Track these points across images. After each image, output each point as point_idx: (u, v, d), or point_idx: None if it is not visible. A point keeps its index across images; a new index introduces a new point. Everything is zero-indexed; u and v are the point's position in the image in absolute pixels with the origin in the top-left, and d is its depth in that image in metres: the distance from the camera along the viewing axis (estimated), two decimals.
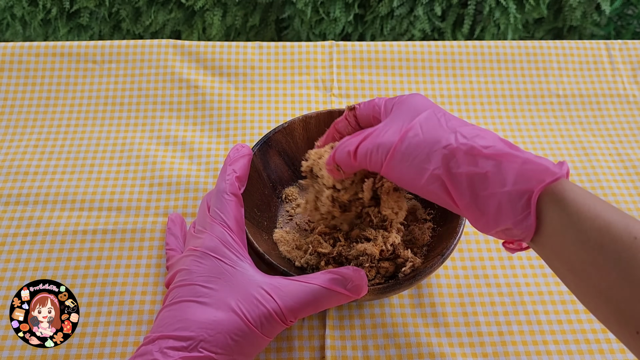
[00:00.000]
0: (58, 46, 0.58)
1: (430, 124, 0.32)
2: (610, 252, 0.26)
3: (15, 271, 0.44)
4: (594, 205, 0.27)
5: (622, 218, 0.26)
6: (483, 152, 0.29)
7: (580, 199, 0.27)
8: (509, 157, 0.29)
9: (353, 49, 0.60)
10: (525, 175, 0.28)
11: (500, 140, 0.30)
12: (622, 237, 0.25)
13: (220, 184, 0.38)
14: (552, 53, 0.61)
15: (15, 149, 0.52)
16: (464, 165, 0.29)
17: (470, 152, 0.29)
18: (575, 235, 0.27)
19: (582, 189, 0.28)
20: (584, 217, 0.26)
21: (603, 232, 0.26)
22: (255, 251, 0.38)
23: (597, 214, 0.26)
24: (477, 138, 0.30)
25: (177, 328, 0.32)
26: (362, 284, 0.34)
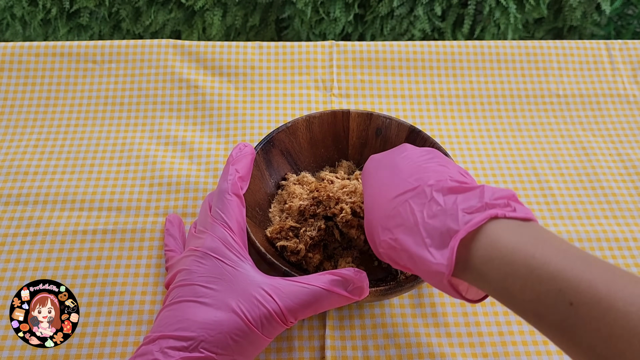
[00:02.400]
0: (58, 46, 0.58)
1: (368, 220, 0.34)
2: (550, 324, 0.24)
3: (15, 271, 0.44)
4: (517, 271, 0.25)
5: (552, 281, 0.24)
6: (396, 247, 0.30)
7: (501, 267, 0.25)
8: (411, 254, 0.29)
9: (353, 49, 0.60)
10: (427, 273, 0.28)
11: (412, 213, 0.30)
12: (556, 307, 0.23)
13: (222, 184, 0.38)
14: (552, 53, 0.61)
15: (15, 149, 0.52)
16: (396, 258, 0.31)
17: (391, 247, 0.31)
18: (513, 309, 0.26)
19: (507, 235, 0.26)
20: (512, 291, 0.25)
21: (536, 304, 0.24)
22: (256, 250, 0.38)
23: (524, 284, 0.24)
24: (394, 222, 0.31)
25: (177, 328, 0.31)
26: (363, 286, 0.34)
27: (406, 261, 0.30)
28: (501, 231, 0.26)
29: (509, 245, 0.26)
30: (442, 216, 0.28)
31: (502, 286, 0.25)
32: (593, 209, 0.50)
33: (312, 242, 0.41)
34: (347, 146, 0.48)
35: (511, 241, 0.26)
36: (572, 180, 0.52)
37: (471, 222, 0.27)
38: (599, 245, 0.47)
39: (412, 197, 0.30)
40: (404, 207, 0.30)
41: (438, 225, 0.28)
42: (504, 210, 0.27)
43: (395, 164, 0.34)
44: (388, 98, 0.57)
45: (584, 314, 0.23)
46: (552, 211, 0.50)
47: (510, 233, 0.26)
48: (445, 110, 0.57)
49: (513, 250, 0.25)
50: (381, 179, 0.34)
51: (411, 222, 0.29)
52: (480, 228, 0.27)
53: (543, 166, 0.53)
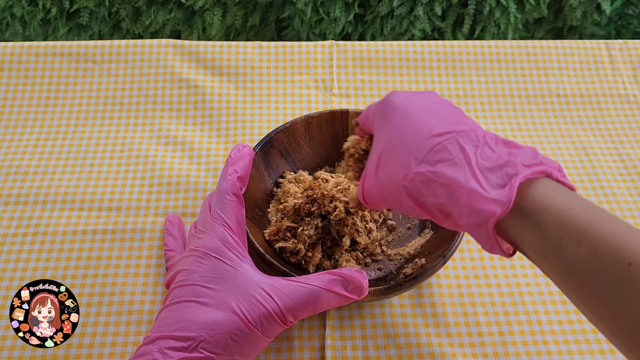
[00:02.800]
0: (58, 46, 0.58)
1: (393, 152, 0.31)
2: (602, 282, 0.23)
3: (15, 271, 0.44)
4: (575, 224, 0.24)
5: (612, 239, 0.23)
6: (436, 180, 0.28)
7: (557, 218, 0.25)
8: (457, 187, 0.27)
9: (353, 48, 0.60)
10: (473, 210, 0.27)
11: (462, 151, 0.28)
12: (613, 266, 0.23)
13: (221, 184, 0.38)
14: (553, 53, 0.61)
15: (15, 149, 0.52)
16: (426, 195, 0.29)
17: (425, 181, 0.29)
18: (561, 263, 0.25)
19: (562, 194, 0.26)
20: (566, 243, 0.24)
21: (590, 260, 0.23)
22: (256, 251, 0.38)
23: (581, 237, 0.24)
24: (438, 157, 0.29)
25: (177, 328, 0.31)
26: (362, 285, 0.34)
27: (442, 198, 0.28)
28: (556, 188, 0.26)
29: (566, 199, 0.25)
30: (498, 160, 0.27)
31: (556, 236, 0.25)
32: None
33: (311, 240, 0.41)
34: None
35: (568, 198, 0.25)
36: (572, 180, 0.52)
37: (531, 170, 0.26)
38: None
39: (461, 137, 0.28)
40: (452, 144, 0.28)
41: (494, 167, 0.27)
42: (557, 173, 0.27)
43: (432, 103, 0.32)
44: None
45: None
46: None
47: (566, 192, 0.26)
48: None
49: (572, 205, 0.25)
50: (415, 113, 0.32)
51: (461, 159, 0.28)
52: (536, 180, 0.26)
53: None
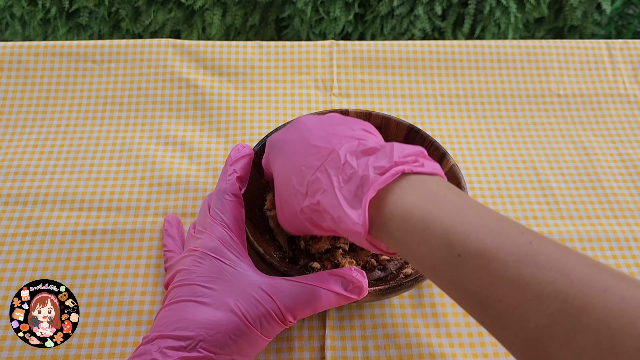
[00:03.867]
0: (57, 46, 0.58)
1: (284, 191, 0.35)
2: (443, 275, 0.26)
3: (15, 271, 0.44)
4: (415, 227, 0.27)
5: (444, 235, 0.25)
6: (318, 209, 0.31)
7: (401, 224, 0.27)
8: (332, 213, 0.30)
9: (353, 48, 0.60)
10: (347, 231, 0.29)
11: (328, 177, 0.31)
12: (447, 259, 0.25)
13: (220, 184, 0.38)
14: (553, 53, 0.61)
15: (15, 149, 0.52)
16: (319, 221, 0.32)
17: (313, 211, 0.32)
18: (415, 263, 0.28)
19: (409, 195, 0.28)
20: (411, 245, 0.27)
21: (430, 256, 0.26)
22: (255, 251, 0.38)
23: (420, 238, 0.26)
24: (315, 188, 0.31)
25: (176, 328, 0.31)
26: (362, 285, 0.34)
27: (330, 222, 0.31)
28: (405, 189, 0.28)
29: (410, 202, 0.27)
30: (356, 178, 0.29)
31: (403, 241, 0.27)
32: (593, 209, 0.50)
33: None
34: None
35: (412, 198, 0.27)
36: (572, 180, 0.52)
37: (379, 181, 0.28)
38: (599, 245, 0.47)
39: (328, 162, 0.31)
40: (322, 173, 0.31)
41: (352, 187, 0.29)
42: (411, 166, 0.29)
43: (301, 133, 0.35)
44: (388, 98, 0.57)
45: (470, 264, 0.24)
46: (552, 211, 0.49)
47: (413, 190, 0.28)
48: (445, 110, 0.57)
49: (413, 207, 0.27)
50: (290, 152, 0.35)
51: (330, 186, 0.30)
52: (389, 186, 0.28)
53: (543, 166, 0.53)
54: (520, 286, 0.22)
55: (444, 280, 0.26)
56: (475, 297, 0.24)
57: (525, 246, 0.23)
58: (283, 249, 0.43)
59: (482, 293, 0.24)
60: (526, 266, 0.23)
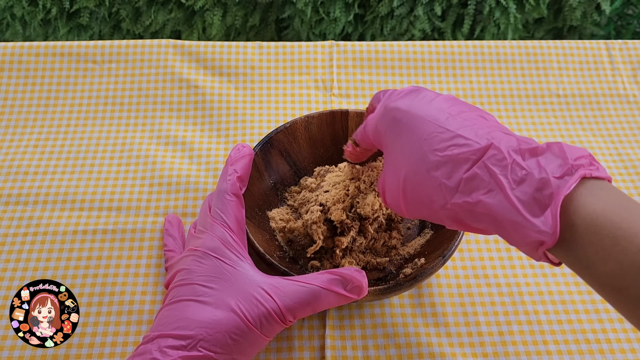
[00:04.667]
0: (58, 46, 0.58)
1: (418, 178, 0.30)
2: (632, 297, 0.23)
3: (15, 271, 0.44)
4: (600, 241, 0.24)
5: (637, 255, 0.23)
6: (476, 210, 0.28)
7: (584, 237, 0.24)
8: (500, 217, 0.27)
9: (353, 49, 0.60)
10: (521, 239, 0.26)
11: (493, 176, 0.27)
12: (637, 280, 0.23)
13: (221, 184, 0.38)
14: (552, 53, 0.61)
15: (15, 149, 0.52)
16: (469, 221, 0.29)
17: (466, 210, 0.28)
18: (592, 279, 0.25)
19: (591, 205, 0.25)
20: (593, 262, 0.24)
21: (618, 276, 0.23)
22: (256, 251, 0.38)
23: (606, 256, 0.24)
24: (472, 186, 0.28)
25: (176, 327, 0.32)
26: (362, 285, 0.34)
27: (488, 225, 0.28)
28: (585, 196, 0.25)
29: (593, 212, 0.25)
30: (531, 180, 0.26)
31: (584, 255, 0.24)
32: None
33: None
34: None
35: (596, 208, 0.25)
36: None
37: (566, 186, 0.25)
38: None
39: (488, 158, 0.28)
40: (481, 169, 0.28)
41: (529, 190, 0.26)
42: (589, 170, 0.26)
43: (434, 115, 0.31)
44: None
45: None
46: None
47: (595, 198, 0.25)
48: None
49: (597, 218, 0.24)
50: (424, 133, 0.30)
51: (495, 187, 0.27)
52: (568, 195, 0.25)
53: None
54: None
55: (632, 301, 0.23)
56: None
57: None
58: (283, 249, 0.43)
59: None
60: None
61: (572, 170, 0.26)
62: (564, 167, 0.26)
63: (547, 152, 0.27)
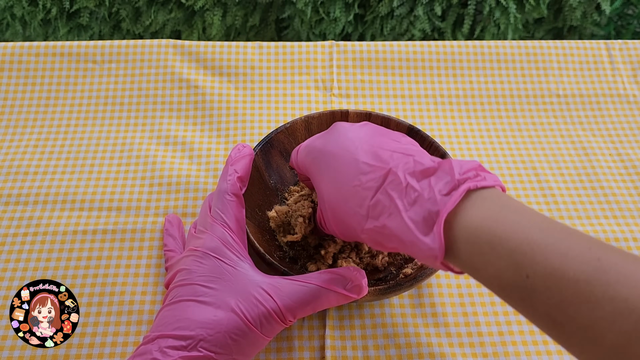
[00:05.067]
0: (58, 46, 0.58)
1: (340, 209, 0.33)
2: (512, 295, 0.25)
3: (15, 271, 0.44)
4: (480, 250, 0.26)
5: (511, 257, 0.25)
6: (383, 232, 0.30)
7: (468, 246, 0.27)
8: (403, 240, 0.29)
9: (353, 49, 0.60)
10: (419, 255, 0.29)
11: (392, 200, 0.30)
12: (516, 282, 0.25)
13: (221, 184, 0.38)
14: (552, 53, 0.61)
15: (15, 149, 0.52)
16: (383, 242, 0.31)
17: (377, 232, 0.31)
18: (483, 282, 0.27)
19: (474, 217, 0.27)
20: (479, 268, 0.26)
21: (499, 279, 0.25)
22: (255, 251, 0.38)
23: (486, 263, 0.26)
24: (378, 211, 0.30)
25: (176, 327, 0.32)
26: (361, 284, 0.34)
27: (396, 244, 0.30)
28: (468, 209, 0.27)
29: (474, 223, 0.27)
30: (422, 201, 0.29)
31: (470, 263, 0.27)
32: (593, 209, 0.50)
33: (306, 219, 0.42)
34: None
35: (475, 220, 0.27)
36: (572, 180, 0.52)
37: (448, 204, 0.27)
38: None
39: (388, 184, 0.30)
40: (383, 196, 0.30)
41: (420, 211, 0.28)
42: (475, 182, 0.28)
43: (345, 147, 0.33)
44: (388, 98, 0.57)
45: (539, 284, 0.24)
46: (552, 211, 0.50)
47: (476, 209, 0.27)
48: (445, 110, 0.57)
49: (477, 229, 0.26)
50: (337, 167, 0.33)
51: (394, 210, 0.29)
52: (453, 210, 0.28)
53: (543, 166, 0.53)
54: (591, 305, 0.22)
55: (513, 299, 0.25)
56: (547, 317, 0.24)
57: (594, 263, 0.23)
58: (283, 249, 0.43)
59: (553, 313, 0.23)
60: (597, 284, 0.22)
61: (458, 185, 0.28)
62: (451, 184, 0.28)
63: (438, 171, 0.29)
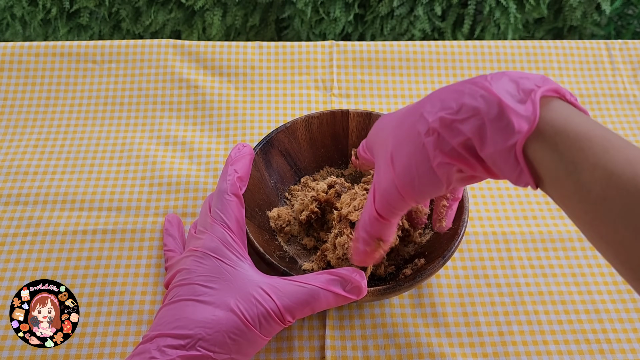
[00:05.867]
0: (58, 46, 0.58)
1: (403, 140, 0.30)
2: (616, 206, 0.23)
3: (15, 271, 0.44)
4: (591, 148, 0.24)
5: (628, 165, 0.23)
6: (458, 117, 0.27)
7: (574, 141, 0.24)
8: (484, 110, 0.26)
9: (353, 49, 0.60)
10: (501, 129, 0.25)
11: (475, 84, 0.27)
12: (628, 190, 0.22)
13: (221, 184, 0.38)
14: (552, 53, 0.61)
15: (15, 149, 0.52)
16: (450, 138, 0.27)
17: (447, 124, 0.27)
18: (575, 188, 0.24)
19: (578, 117, 0.25)
20: (581, 167, 0.24)
21: (606, 184, 0.23)
22: (255, 251, 0.38)
23: (596, 162, 0.23)
24: (445, 105, 0.28)
25: (175, 326, 0.32)
26: (361, 285, 0.34)
27: (468, 131, 0.26)
28: (571, 111, 0.25)
29: (582, 123, 0.25)
30: (511, 82, 0.26)
31: (572, 160, 0.24)
32: None
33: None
34: (347, 146, 0.48)
35: (584, 121, 0.25)
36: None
37: (548, 87, 0.25)
38: None
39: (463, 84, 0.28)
40: (464, 86, 0.28)
41: (511, 85, 0.26)
42: (570, 97, 0.26)
43: (413, 106, 0.31)
44: (388, 98, 0.57)
45: None
46: (552, 211, 0.49)
47: (580, 116, 0.25)
48: None
49: (587, 128, 0.24)
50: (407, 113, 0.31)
51: (479, 89, 0.27)
52: (550, 101, 0.26)
53: None
54: None
55: (616, 212, 0.23)
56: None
57: None
58: (283, 249, 0.43)
59: None
60: None
61: (553, 85, 0.26)
62: (546, 82, 0.26)
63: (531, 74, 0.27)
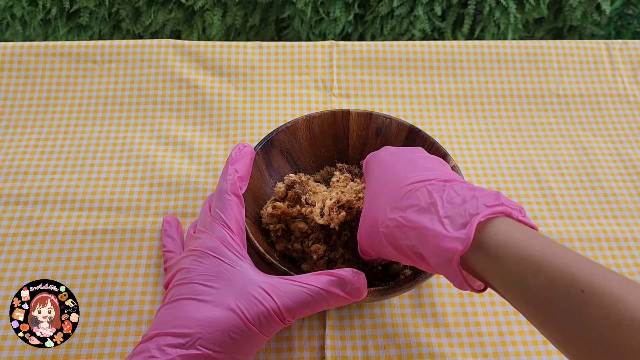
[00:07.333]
0: (58, 46, 0.58)
1: (374, 201, 0.34)
2: (559, 309, 0.25)
3: (15, 271, 0.44)
4: (532, 256, 0.26)
5: (566, 269, 0.25)
6: (406, 224, 0.30)
7: (516, 252, 0.26)
8: (424, 230, 0.29)
9: (353, 49, 0.60)
10: (439, 249, 0.28)
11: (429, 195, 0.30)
12: (568, 293, 0.24)
13: (221, 184, 0.38)
14: (552, 53, 0.61)
15: (15, 149, 0.52)
16: (400, 239, 0.31)
17: (398, 226, 0.31)
18: (523, 293, 0.26)
19: (521, 231, 0.27)
20: (525, 275, 0.26)
21: (548, 289, 0.25)
22: (255, 251, 0.38)
23: (538, 269, 0.25)
24: (408, 203, 0.31)
25: (175, 325, 0.32)
26: (361, 287, 0.34)
27: (413, 240, 0.30)
28: (515, 226, 0.28)
29: (523, 236, 0.27)
30: (461, 203, 0.29)
31: (515, 269, 0.26)
32: (593, 209, 0.50)
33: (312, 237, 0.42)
34: (347, 146, 0.48)
35: (526, 234, 0.27)
36: (572, 180, 0.52)
37: (491, 210, 0.28)
38: (599, 245, 0.47)
39: (430, 184, 0.31)
40: (421, 191, 0.31)
41: (457, 209, 0.29)
42: (518, 214, 0.29)
43: (413, 157, 0.36)
44: (388, 98, 0.57)
45: (595, 301, 0.23)
46: (552, 211, 0.49)
47: (524, 230, 0.28)
48: (445, 110, 0.57)
49: (529, 240, 0.27)
50: (395, 167, 0.35)
51: (428, 203, 0.30)
52: (496, 219, 0.28)
53: (543, 166, 0.53)
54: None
55: (560, 314, 0.25)
56: (596, 337, 0.23)
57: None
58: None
59: (606, 333, 0.23)
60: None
61: (500, 206, 0.28)
62: (495, 202, 0.29)
63: (484, 191, 0.30)
